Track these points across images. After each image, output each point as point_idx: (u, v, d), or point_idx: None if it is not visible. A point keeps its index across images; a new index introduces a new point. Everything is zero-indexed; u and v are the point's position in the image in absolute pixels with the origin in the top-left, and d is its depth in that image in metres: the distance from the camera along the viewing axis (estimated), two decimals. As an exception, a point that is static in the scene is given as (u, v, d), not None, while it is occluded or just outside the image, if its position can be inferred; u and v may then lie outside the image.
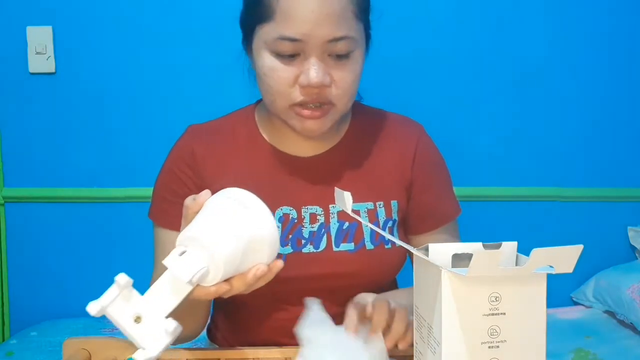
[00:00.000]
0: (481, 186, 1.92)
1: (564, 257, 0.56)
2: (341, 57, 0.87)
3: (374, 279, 0.97)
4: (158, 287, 0.64)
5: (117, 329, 0.64)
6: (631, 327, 1.72)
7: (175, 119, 1.81)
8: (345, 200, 0.68)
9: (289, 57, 0.86)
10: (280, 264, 0.71)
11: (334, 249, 0.95)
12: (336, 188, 0.74)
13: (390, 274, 1.01)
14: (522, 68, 1.91)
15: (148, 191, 1.02)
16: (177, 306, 0.64)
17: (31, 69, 1.83)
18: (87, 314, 0.64)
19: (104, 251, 1.89)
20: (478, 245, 0.65)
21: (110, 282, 0.65)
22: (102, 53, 1.84)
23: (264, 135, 1.00)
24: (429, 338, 0.62)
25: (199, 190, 0.97)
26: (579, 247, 0.56)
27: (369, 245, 0.96)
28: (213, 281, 0.66)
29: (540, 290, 0.61)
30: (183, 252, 0.65)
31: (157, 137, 1.83)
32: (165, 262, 0.64)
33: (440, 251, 0.65)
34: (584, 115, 1.95)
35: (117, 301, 0.62)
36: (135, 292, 0.63)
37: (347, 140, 1.00)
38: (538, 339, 0.61)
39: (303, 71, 0.85)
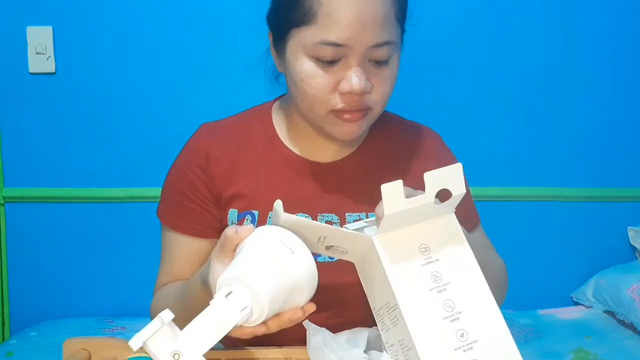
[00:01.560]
0: (481, 186, 1.92)
1: (452, 178, 0.64)
2: (381, 63, 0.84)
3: None
4: (200, 324, 0.64)
5: (116, 329, 0.64)
6: (631, 327, 1.72)
7: (175, 119, 1.82)
8: (392, 190, 0.63)
9: (329, 63, 0.82)
10: (312, 307, 0.71)
11: None
12: (383, 185, 0.67)
13: None
14: (522, 68, 1.91)
15: (148, 191, 1.03)
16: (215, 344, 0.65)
17: (31, 69, 1.83)
18: (87, 314, 0.64)
19: (103, 251, 1.89)
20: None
21: (110, 282, 0.66)
22: (102, 53, 1.84)
23: (281, 137, 0.97)
24: (389, 314, 0.65)
25: (209, 192, 0.96)
26: (458, 165, 0.65)
27: None
28: (254, 323, 0.67)
29: (452, 222, 0.67)
30: (229, 293, 0.65)
31: (157, 137, 1.84)
32: (213, 302, 0.64)
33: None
34: (584, 116, 1.95)
35: (157, 336, 0.62)
36: (176, 329, 0.63)
37: (365, 147, 0.98)
38: (475, 273, 0.65)
39: (344, 77, 0.82)
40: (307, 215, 0.94)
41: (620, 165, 1.98)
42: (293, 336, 0.93)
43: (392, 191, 0.62)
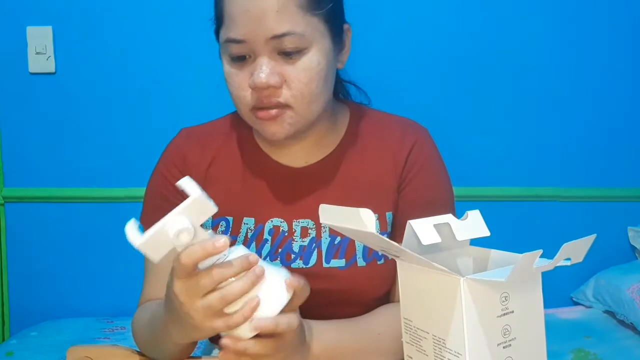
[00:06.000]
0: (481, 186, 1.92)
1: (578, 249, 0.58)
2: (291, 54, 0.82)
3: (364, 295, 0.93)
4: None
5: (116, 329, 0.64)
6: (631, 327, 1.72)
7: (176, 119, 1.80)
8: (362, 218, 0.59)
9: (240, 60, 0.84)
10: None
11: (324, 264, 0.90)
12: (323, 206, 0.64)
13: (382, 290, 0.94)
14: (522, 68, 1.91)
15: (148, 191, 1.02)
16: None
17: (31, 69, 1.83)
18: (87, 314, 0.64)
19: (103, 251, 1.89)
20: (449, 216, 0.64)
21: (109, 282, 0.66)
22: (102, 53, 1.84)
23: (258, 142, 0.96)
24: (441, 351, 0.61)
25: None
26: (592, 237, 0.58)
27: (360, 262, 0.91)
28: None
29: (537, 281, 0.61)
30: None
31: (157, 137, 1.83)
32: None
33: (421, 227, 0.61)
34: (584, 115, 1.95)
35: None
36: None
37: (341, 148, 0.94)
38: (539, 332, 0.61)
39: (253, 73, 0.82)
40: (282, 220, 0.92)
41: (620, 165, 1.97)
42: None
43: None
